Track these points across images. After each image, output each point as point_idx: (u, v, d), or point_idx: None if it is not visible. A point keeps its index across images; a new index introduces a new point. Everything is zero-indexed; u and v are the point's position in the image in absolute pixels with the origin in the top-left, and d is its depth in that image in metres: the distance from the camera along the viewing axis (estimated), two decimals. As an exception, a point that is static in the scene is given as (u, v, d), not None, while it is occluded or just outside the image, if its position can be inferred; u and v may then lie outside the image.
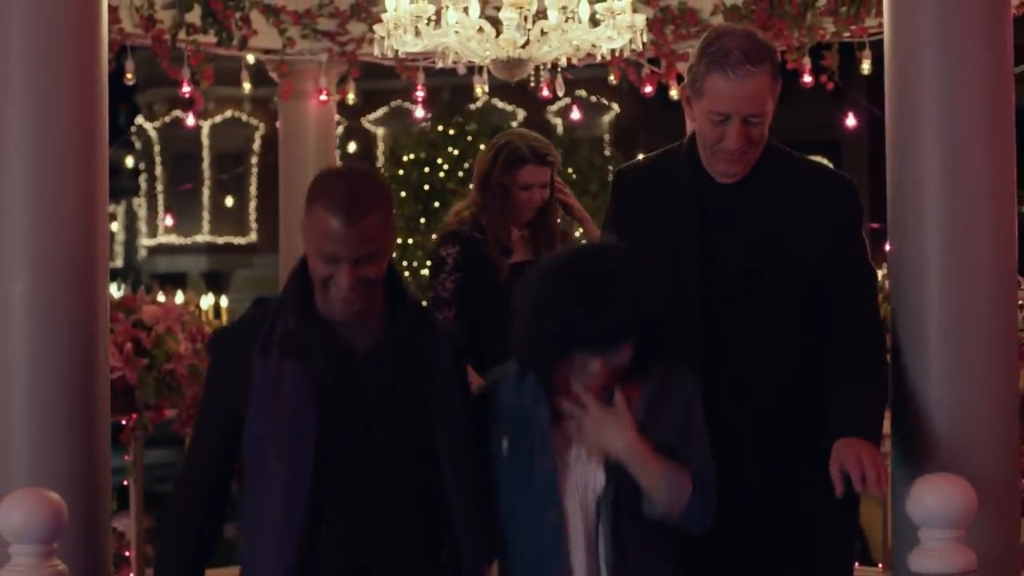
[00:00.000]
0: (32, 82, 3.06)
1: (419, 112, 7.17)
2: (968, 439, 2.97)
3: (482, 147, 10.96)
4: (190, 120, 7.22)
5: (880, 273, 3.53)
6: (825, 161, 22.20)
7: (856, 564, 3.22)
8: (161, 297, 5.92)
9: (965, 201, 3.02)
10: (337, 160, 6.91)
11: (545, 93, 6.11)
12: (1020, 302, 3.39)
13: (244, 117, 23.55)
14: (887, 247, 3.18)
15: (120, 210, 25.73)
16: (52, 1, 3.09)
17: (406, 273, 10.38)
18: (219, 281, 24.30)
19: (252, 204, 24.63)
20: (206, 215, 24.79)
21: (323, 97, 6.54)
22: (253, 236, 24.69)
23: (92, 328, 3.14)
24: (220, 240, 24.86)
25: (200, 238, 24.57)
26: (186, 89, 6.18)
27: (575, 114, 8.43)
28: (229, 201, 24.08)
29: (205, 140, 23.58)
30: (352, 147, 16.87)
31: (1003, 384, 3.03)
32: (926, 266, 3.04)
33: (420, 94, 6.60)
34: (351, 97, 6.71)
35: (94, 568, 3.07)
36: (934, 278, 3.03)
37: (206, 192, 24.29)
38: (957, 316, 3.00)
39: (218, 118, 23.32)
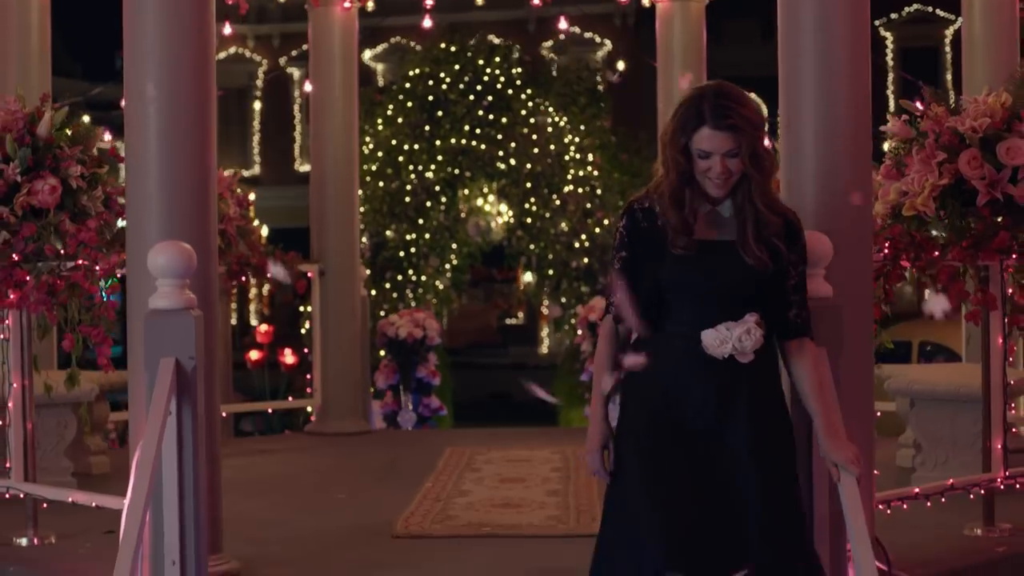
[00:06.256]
0: (160, 76, 4.39)
1: (427, 23, 8.13)
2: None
3: (480, 62, 11.94)
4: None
5: None
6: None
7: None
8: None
9: (832, 134, 4.18)
10: (357, 63, 7.79)
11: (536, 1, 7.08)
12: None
13: (248, 54, 24.22)
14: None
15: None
16: (175, 23, 4.38)
17: (411, 176, 11.33)
18: (223, 213, 25.13)
19: (255, 138, 25.41)
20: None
21: (347, 4, 7.55)
22: (256, 169, 25.49)
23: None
24: (224, 173, 25.60)
25: (205, 171, 25.29)
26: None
27: (562, 23, 9.32)
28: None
29: (209, 75, 24.18)
30: (367, 54, 17.65)
31: (860, 261, 4.23)
32: (806, 167, 4.19)
33: (430, 1, 7.59)
34: (370, 5, 7.67)
35: (208, 294, 4.29)
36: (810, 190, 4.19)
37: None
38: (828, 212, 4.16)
39: (222, 54, 23.97)
